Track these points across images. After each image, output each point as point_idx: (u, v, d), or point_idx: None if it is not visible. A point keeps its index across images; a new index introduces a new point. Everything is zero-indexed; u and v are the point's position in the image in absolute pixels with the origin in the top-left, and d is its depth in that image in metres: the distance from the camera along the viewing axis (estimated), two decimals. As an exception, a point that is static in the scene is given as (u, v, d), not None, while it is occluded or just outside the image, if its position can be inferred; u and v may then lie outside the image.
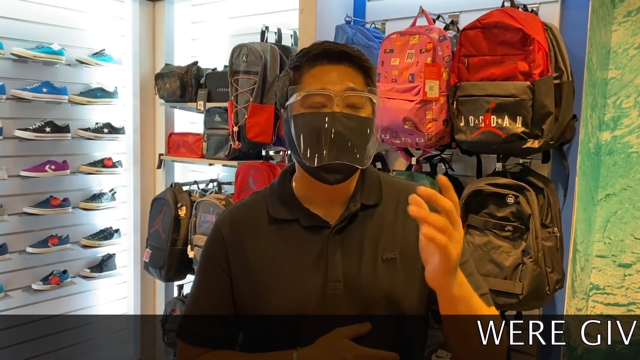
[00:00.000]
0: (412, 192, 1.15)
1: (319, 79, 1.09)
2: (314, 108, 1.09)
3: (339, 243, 1.13)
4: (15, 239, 2.97)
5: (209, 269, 1.21)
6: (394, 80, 1.92)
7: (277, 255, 1.15)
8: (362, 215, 1.16)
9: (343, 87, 1.08)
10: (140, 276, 3.42)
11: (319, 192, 1.16)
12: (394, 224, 1.16)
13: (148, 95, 3.33)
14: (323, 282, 1.11)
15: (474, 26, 1.79)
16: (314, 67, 1.10)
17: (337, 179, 1.10)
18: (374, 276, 1.11)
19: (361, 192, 1.17)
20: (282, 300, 1.12)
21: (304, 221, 1.15)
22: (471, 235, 1.81)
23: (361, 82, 1.11)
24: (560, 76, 1.73)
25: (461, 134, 1.83)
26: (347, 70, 1.10)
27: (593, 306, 2.11)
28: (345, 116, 1.07)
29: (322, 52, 1.10)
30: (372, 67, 1.14)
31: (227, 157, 2.76)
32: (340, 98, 1.07)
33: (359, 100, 1.09)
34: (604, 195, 2.06)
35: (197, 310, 1.21)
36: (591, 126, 1.94)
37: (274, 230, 1.17)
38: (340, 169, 1.09)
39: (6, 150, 2.89)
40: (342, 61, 1.10)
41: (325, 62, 1.10)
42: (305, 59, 1.11)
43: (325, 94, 1.08)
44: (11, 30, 2.86)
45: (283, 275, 1.14)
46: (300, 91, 1.09)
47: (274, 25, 2.67)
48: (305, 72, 1.11)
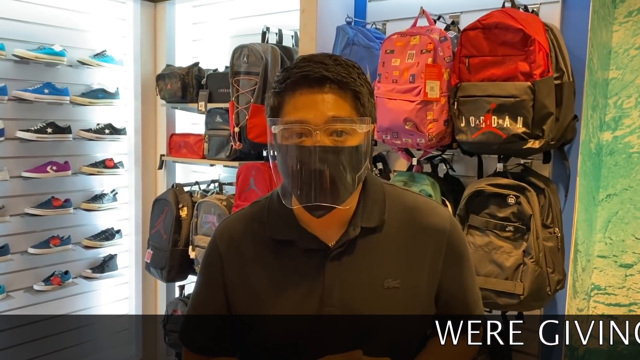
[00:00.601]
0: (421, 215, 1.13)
1: (299, 109, 1.00)
2: (295, 139, 1.01)
3: (337, 266, 1.09)
4: (17, 239, 2.97)
5: (207, 281, 1.21)
6: (394, 81, 1.92)
7: (274, 275, 1.11)
8: (363, 239, 1.10)
9: (323, 117, 0.99)
10: (142, 277, 3.42)
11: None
12: (398, 249, 1.11)
13: (149, 96, 3.33)
14: (319, 306, 1.07)
15: (474, 27, 1.79)
16: (294, 94, 1.01)
17: (322, 214, 1.04)
18: (373, 305, 1.08)
19: (362, 214, 1.10)
20: (276, 322, 1.10)
21: (301, 243, 1.10)
22: (472, 236, 1.81)
23: (347, 107, 1.01)
24: (561, 77, 1.73)
25: (462, 134, 1.83)
26: (330, 96, 1.00)
27: (594, 306, 2.11)
28: (326, 150, 0.99)
29: (302, 78, 1.00)
30: (361, 89, 1.03)
31: (228, 158, 2.76)
32: (321, 130, 0.99)
33: (344, 128, 1.01)
34: (605, 196, 2.06)
35: (195, 318, 1.22)
36: (592, 126, 1.94)
37: (271, 249, 1.13)
38: (323, 208, 1.02)
39: (8, 151, 2.90)
40: (323, 86, 1.00)
41: (305, 89, 1.00)
42: (284, 86, 1.02)
43: (302, 125, 1.00)
44: (13, 32, 2.86)
45: (279, 297, 1.10)
46: (279, 124, 1.02)
47: (275, 26, 2.67)
48: (286, 101, 1.02)
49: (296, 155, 1.01)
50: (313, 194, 1.01)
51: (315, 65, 1.01)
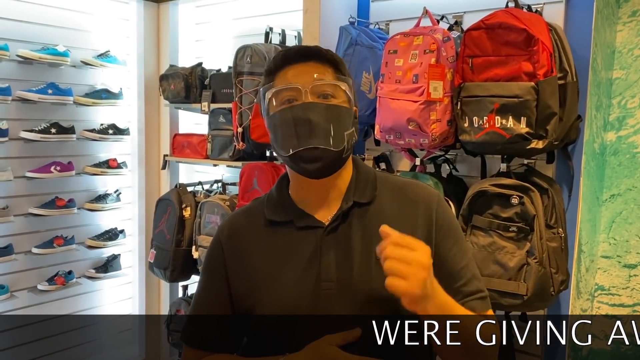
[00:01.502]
0: (409, 190, 1.19)
1: (288, 76, 1.13)
2: (286, 104, 1.12)
3: (333, 243, 1.13)
4: (20, 239, 2.98)
5: (209, 275, 1.25)
6: (397, 81, 1.92)
7: (272, 256, 1.16)
8: (356, 213, 1.16)
9: (310, 80, 1.11)
10: (145, 277, 3.43)
11: (310, 191, 1.18)
12: (389, 222, 1.12)
13: (153, 97, 3.34)
14: (316, 282, 1.11)
15: (478, 27, 1.78)
16: (283, 68, 1.14)
17: (318, 167, 1.11)
18: (368, 276, 1.11)
19: (355, 190, 1.18)
20: (275, 301, 1.13)
21: (297, 222, 1.16)
22: (475, 236, 1.81)
23: (331, 74, 1.14)
24: (564, 76, 1.73)
25: (465, 134, 1.83)
26: (315, 66, 1.14)
27: (598, 307, 2.10)
28: (315, 105, 1.10)
29: (289, 53, 1.15)
30: (339, 60, 1.17)
31: (231, 158, 2.76)
32: (309, 89, 1.10)
33: (329, 89, 1.13)
34: (608, 196, 2.06)
35: (197, 314, 1.25)
36: (596, 126, 1.94)
37: (269, 232, 1.19)
38: (317, 156, 1.10)
39: (12, 151, 2.90)
40: (309, 59, 1.14)
41: (292, 63, 1.14)
42: (274, 63, 1.16)
43: (293, 87, 1.11)
44: (16, 32, 2.87)
45: (277, 276, 1.14)
46: (271, 89, 1.14)
47: (278, 26, 2.67)
48: (276, 75, 1.15)
49: (289, 112, 1.11)
50: (308, 138, 1.09)
51: (300, 46, 1.20)
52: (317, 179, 1.14)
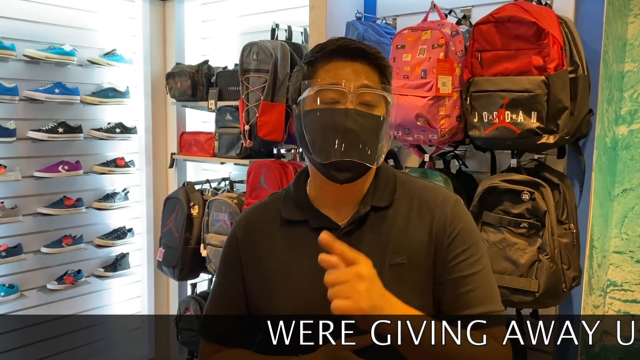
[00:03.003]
0: (428, 194, 1.16)
1: (333, 74, 1.07)
2: (327, 104, 1.07)
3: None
4: (29, 239, 2.98)
5: (225, 271, 1.25)
6: (406, 77, 1.90)
7: (286, 256, 1.16)
8: (373, 217, 1.13)
9: (358, 83, 1.06)
10: (154, 275, 3.43)
11: (330, 192, 1.15)
12: (405, 228, 1.13)
13: (159, 95, 3.34)
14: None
15: (487, 20, 1.76)
16: (329, 62, 1.09)
17: (348, 177, 1.08)
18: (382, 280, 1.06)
19: (373, 194, 1.15)
20: (288, 302, 1.12)
21: (313, 222, 1.15)
22: (486, 233, 1.79)
23: (376, 80, 1.09)
24: (575, 70, 1.71)
25: (475, 130, 1.81)
26: (362, 68, 1.08)
27: (610, 303, 2.08)
28: (359, 113, 1.06)
29: (338, 48, 1.08)
30: (388, 65, 1.12)
31: (238, 156, 2.75)
32: (354, 95, 1.05)
33: (373, 98, 1.07)
34: (621, 191, 2.03)
35: (213, 309, 1.25)
36: (607, 120, 1.91)
37: (284, 231, 1.18)
38: (350, 167, 1.07)
39: (20, 151, 2.91)
40: (357, 58, 1.08)
41: (340, 59, 1.08)
42: (320, 54, 1.09)
43: (339, 89, 1.06)
44: (23, 32, 2.87)
45: (290, 276, 1.14)
46: (314, 86, 1.08)
47: (284, 22, 2.66)
48: (320, 68, 1.09)
49: (330, 115, 1.06)
50: (346, 150, 1.05)
51: (349, 41, 1.10)
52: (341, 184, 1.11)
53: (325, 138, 1.07)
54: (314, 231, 1.13)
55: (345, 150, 1.05)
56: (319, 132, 1.08)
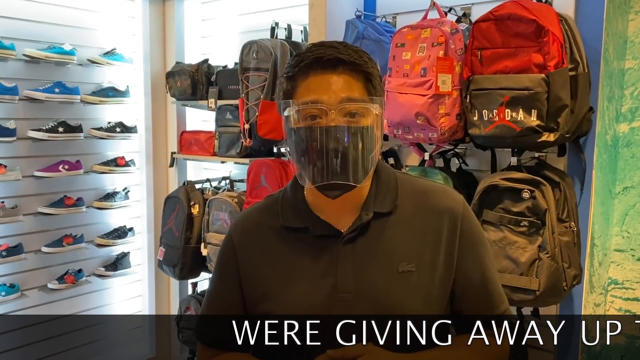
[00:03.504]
0: (433, 197, 1.14)
1: (312, 90, 1.03)
2: (309, 121, 1.03)
3: (350, 253, 1.09)
4: (30, 238, 2.99)
5: (221, 274, 1.22)
6: (405, 75, 1.90)
7: (287, 263, 1.13)
8: (376, 223, 1.10)
9: (337, 98, 1.02)
10: (155, 274, 3.43)
11: (328, 200, 1.09)
12: (411, 233, 1.10)
13: (159, 94, 3.33)
14: (332, 292, 1.07)
15: (486, 18, 1.76)
16: (307, 77, 1.04)
17: (337, 194, 1.05)
18: (388, 289, 1.07)
19: (375, 199, 1.11)
20: (288, 308, 1.10)
21: (313, 230, 1.11)
22: (486, 231, 1.78)
23: (360, 88, 1.04)
24: (575, 68, 1.70)
25: (475, 128, 1.80)
26: (343, 78, 1.03)
27: (611, 301, 2.07)
28: (342, 130, 1.01)
29: (314, 60, 1.03)
30: (373, 71, 1.06)
31: (238, 155, 2.75)
32: (336, 110, 1.01)
33: (357, 109, 1.03)
34: (621, 189, 2.02)
35: (209, 312, 1.23)
36: (608, 118, 1.90)
37: (284, 237, 1.14)
38: (338, 187, 1.04)
39: (20, 150, 2.91)
40: (336, 68, 1.03)
41: (319, 71, 1.03)
42: (298, 69, 1.04)
43: (317, 106, 1.02)
44: (23, 32, 2.87)
45: (290, 283, 1.11)
46: (293, 105, 1.04)
47: (284, 21, 2.65)
48: (299, 84, 1.05)
49: (311, 135, 1.02)
50: (329, 172, 1.02)
51: (328, 49, 1.04)
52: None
53: (309, 159, 1.04)
54: (315, 238, 1.11)
55: (330, 173, 1.02)
56: (303, 153, 1.04)
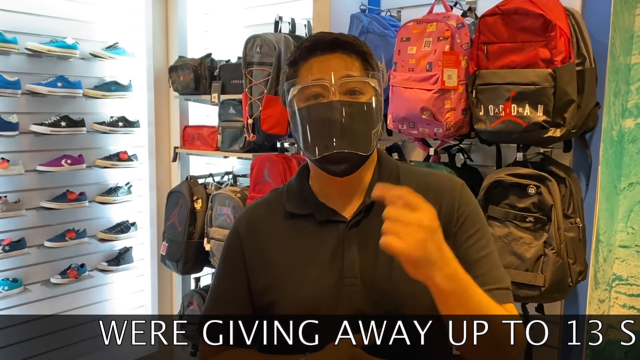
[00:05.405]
0: (432, 180, 1.17)
1: (314, 70, 1.09)
2: (312, 100, 1.08)
3: (356, 238, 1.11)
4: (33, 233, 2.98)
5: (227, 267, 1.23)
6: (411, 69, 1.89)
7: (293, 250, 1.14)
8: (379, 206, 1.09)
9: (338, 74, 1.07)
10: (158, 269, 3.43)
11: (332, 185, 1.15)
12: None
13: (162, 88, 3.32)
14: (339, 278, 1.09)
15: (493, 12, 1.75)
16: (308, 60, 1.10)
17: (344, 169, 1.08)
18: (390, 271, 1.07)
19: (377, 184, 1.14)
20: (296, 296, 1.11)
21: (319, 216, 1.14)
22: (491, 227, 1.78)
23: (359, 68, 1.10)
24: (582, 63, 1.69)
25: (481, 123, 1.80)
26: (342, 58, 1.09)
27: (616, 297, 2.07)
28: (344, 103, 1.06)
29: (314, 43, 1.10)
30: (369, 51, 1.13)
31: (242, 150, 2.74)
32: (337, 86, 1.06)
33: (357, 86, 1.08)
34: (627, 184, 2.01)
35: (214, 307, 1.23)
36: (614, 113, 1.89)
37: (290, 225, 1.17)
38: (344, 158, 1.07)
39: (22, 145, 2.90)
40: (335, 50, 1.09)
41: (318, 54, 1.09)
42: (299, 53, 1.11)
43: (320, 84, 1.07)
44: (25, 25, 2.86)
45: (298, 271, 1.12)
46: (296, 85, 1.10)
47: (288, 15, 2.64)
48: (301, 67, 1.11)
49: (315, 111, 1.08)
50: (337, 142, 1.06)
51: (325, 34, 1.12)
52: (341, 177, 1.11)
53: (313, 134, 1.08)
54: (321, 224, 1.13)
55: (336, 142, 1.06)
56: (307, 129, 1.09)
